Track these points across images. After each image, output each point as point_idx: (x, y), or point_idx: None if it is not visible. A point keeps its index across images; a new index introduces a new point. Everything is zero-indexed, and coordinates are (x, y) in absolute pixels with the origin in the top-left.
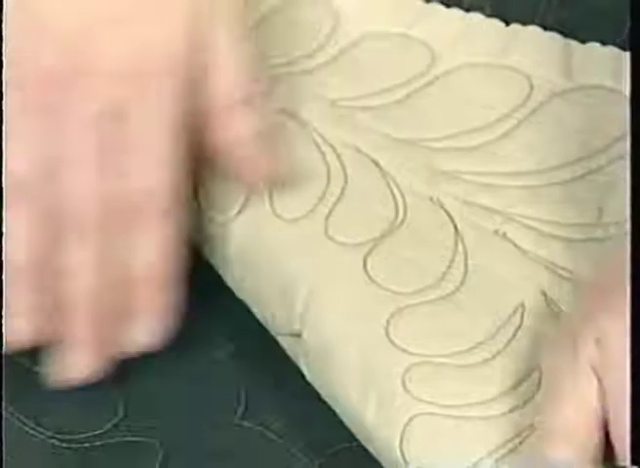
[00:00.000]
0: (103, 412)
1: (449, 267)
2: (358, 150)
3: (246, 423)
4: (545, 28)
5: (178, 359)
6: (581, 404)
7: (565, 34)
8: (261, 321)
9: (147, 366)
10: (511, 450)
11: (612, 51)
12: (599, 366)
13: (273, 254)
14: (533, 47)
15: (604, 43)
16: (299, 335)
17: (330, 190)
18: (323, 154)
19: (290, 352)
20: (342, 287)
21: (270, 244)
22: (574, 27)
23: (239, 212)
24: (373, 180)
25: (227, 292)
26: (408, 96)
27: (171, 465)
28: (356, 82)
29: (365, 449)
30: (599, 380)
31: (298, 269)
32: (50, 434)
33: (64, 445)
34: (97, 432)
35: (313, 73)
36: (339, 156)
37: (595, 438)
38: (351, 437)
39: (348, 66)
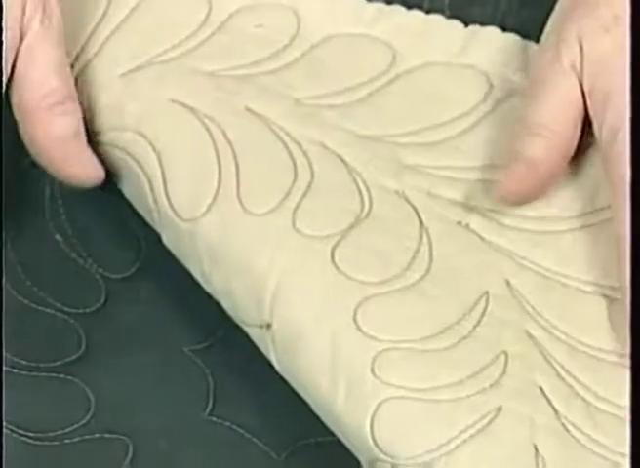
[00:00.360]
0: (74, 410)
1: (414, 257)
2: (324, 147)
3: (214, 419)
4: (504, 30)
5: (147, 356)
6: (560, 99)
7: (523, 36)
8: (231, 314)
9: (118, 363)
10: (479, 431)
11: None
12: (579, 65)
13: (242, 248)
14: (491, 47)
15: None
16: (268, 326)
17: (297, 185)
18: (289, 151)
19: (259, 344)
20: (311, 278)
21: (239, 238)
22: (531, 29)
23: (208, 208)
24: (339, 175)
25: (197, 289)
26: (370, 94)
27: (141, 460)
28: (320, 81)
29: (330, 443)
30: (579, 79)
31: (266, 262)
32: (22, 432)
33: (37, 442)
34: (68, 429)
35: (278, 73)
36: (305, 153)
37: (570, 131)
38: (317, 432)
39: (312, 66)
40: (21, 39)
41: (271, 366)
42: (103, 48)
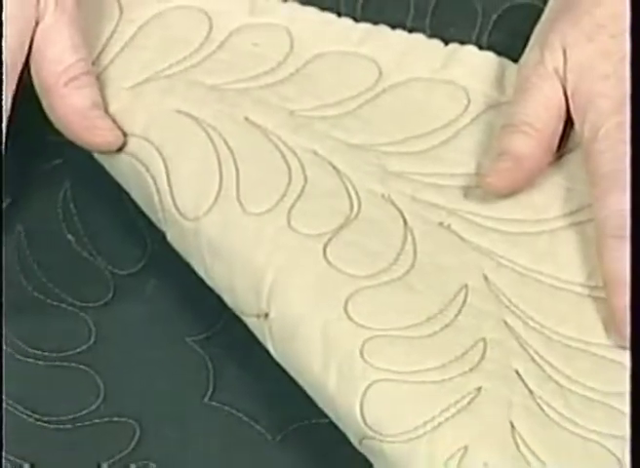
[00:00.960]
0: (86, 396)
1: (399, 254)
2: (316, 154)
3: (214, 403)
4: (480, 48)
5: (153, 345)
6: (544, 100)
7: (498, 53)
8: (231, 305)
9: (125, 352)
10: (460, 410)
11: None
12: (562, 70)
13: (241, 245)
14: (470, 64)
15: None
16: (266, 316)
17: (291, 188)
18: (285, 157)
19: (257, 333)
20: (305, 272)
21: (239, 236)
22: (505, 48)
23: (210, 207)
24: (330, 180)
25: (198, 283)
26: (359, 106)
27: (147, 442)
28: (312, 95)
29: (322, 425)
30: (562, 83)
31: (264, 257)
32: (37, 416)
33: (51, 426)
34: (79, 414)
35: (274, 87)
36: (299, 159)
37: (552, 129)
38: (310, 414)
39: (305, 81)
40: (37, 22)
41: (268, 353)
42: (114, 62)
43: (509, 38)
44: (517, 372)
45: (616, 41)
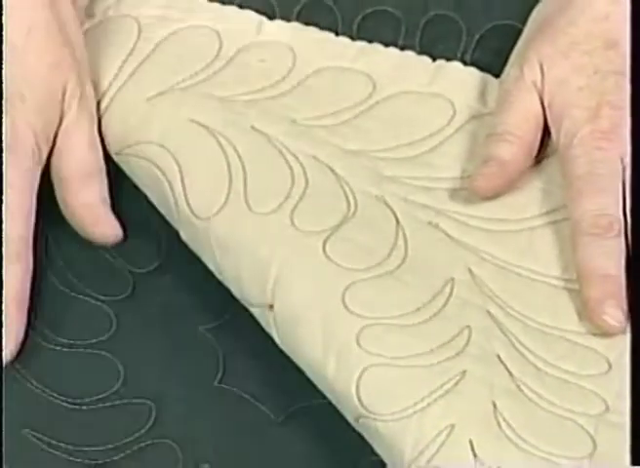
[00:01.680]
0: (106, 380)
1: (392, 249)
2: (316, 159)
3: (224, 386)
4: (465, 64)
5: (167, 334)
6: (524, 111)
7: (481, 69)
8: (239, 297)
9: (143, 340)
10: (447, 391)
11: None
12: (540, 84)
13: (248, 242)
14: (455, 78)
15: None
16: (271, 307)
17: (294, 190)
18: (288, 162)
19: (263, 322)
20: (306, 266)
21: (246, 233)
22: (487, 64)
23: (220, 208)
24: (329, 183)
25: (209, 277)
26: (355, 116)
27: (162, 422)
28: (313, 105)
29: (322, 406)
30: (540, 95)
31: (269, 253)
32: (62, 398)
33: (75, 407)
34: (101, 396)
35: (278, 99)
36: (301, 164)
37: (532, 136)
38: (311, 396)
39: (306, 93)
40: (61, 119)
41: (272, 341)
42: (133, 76)
43: (491, 55)
44: (499, 357)
45: (589, 57)
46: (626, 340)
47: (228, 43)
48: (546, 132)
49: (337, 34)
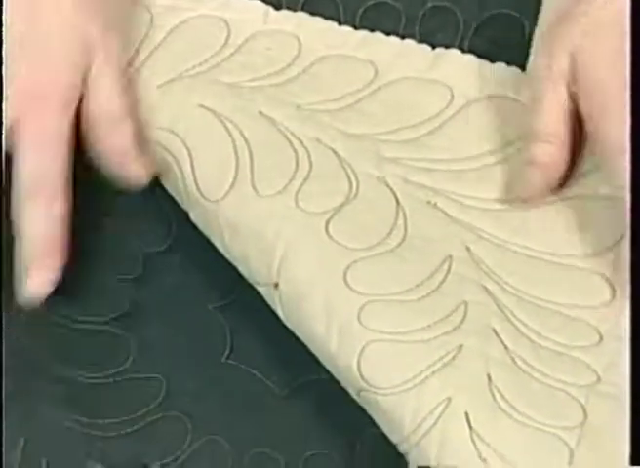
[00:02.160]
0: (120, 356)
1: (392, 228)
2: (320, 142)
3: (231, 362)
4: (463, 51)
5: (178, 312)
6: (560, 109)
7: (479, 56)
8: (246, 276)
9: (154, 317)
10: (445, 364)
11: (514, 70)
12: (569, 70)
13: (255, 223)
14: (453, 65)
15: (509, 64)
16: (276, 285)
17: (298, 173)
18: (292, 145)
19: (269, 300)
20: (310, 246)
21: (252, 215)
22: (484, 52)
23: (228, 191)
24: (332, 165)
25: (218, 257)
26: (358, 101)
27: (172, 396)
28: (317, 91)
29: (324, 381)
30: (569, 83)
31: (274, 233)
32: (80, 373)
33: (90, 381)
34: (114, 370)
35: (283, 85)
36: (305, 147)
37: (569, 136)
38: (314, 372)
39: (311, 80)
40: (89, 66)
41: (278, 318)
42: (145, 64)
43: (488, 43)
44: (494, 331)
45: (616, 36)
46: (617, 312)
47: (236, 31)
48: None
49: (340, 24)
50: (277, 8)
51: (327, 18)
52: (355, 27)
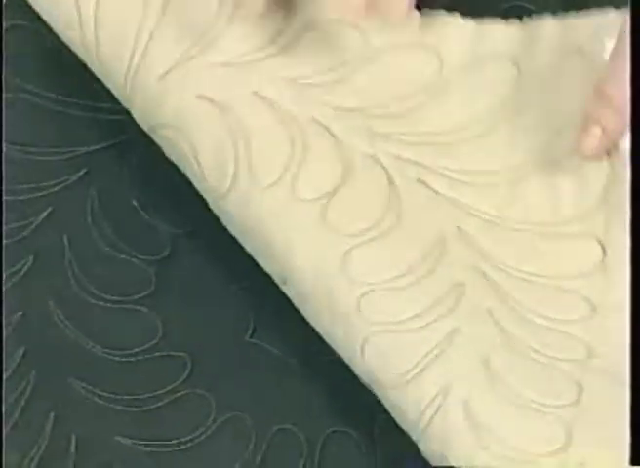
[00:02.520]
0: (146, 334)
1: (386, 211)
2: (314, 120)
3: (254, 341)
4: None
5: (202, 291)
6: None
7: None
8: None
9: (179, 297)
10: (442, 351)
11: (508, 28)
12: None
13: (257, 216)
14: (444, 29)
15: None
16: (284, 282)
17: (294, 158)
18: (287, 127)
19: (285, 292)
20: (308, 239)
21: (254, 209)
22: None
23: (230, 186)
24: (326, 146)
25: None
26: (352, 71)
27: (196, 373)
28: (308, 63)
29: (342, 362)
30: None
31: (275, 228)
32: (107, 351)
33: (118, 358)
34: (141, 348)
35: (277, 56)
36: (300, 128)
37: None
38: (331, 351)
39: (302, 50)
40: None
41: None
42: (145, 56)
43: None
44: (488, 310)
45: None
46: (609, 282)
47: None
48: None
49: None
50: None
51: None
52: None
